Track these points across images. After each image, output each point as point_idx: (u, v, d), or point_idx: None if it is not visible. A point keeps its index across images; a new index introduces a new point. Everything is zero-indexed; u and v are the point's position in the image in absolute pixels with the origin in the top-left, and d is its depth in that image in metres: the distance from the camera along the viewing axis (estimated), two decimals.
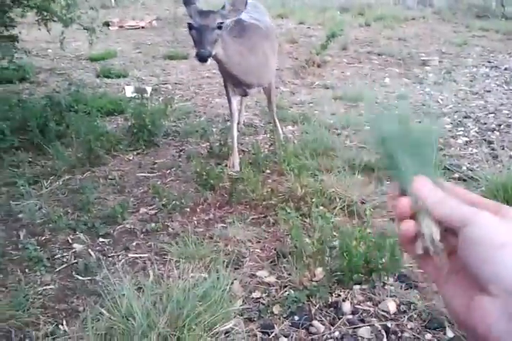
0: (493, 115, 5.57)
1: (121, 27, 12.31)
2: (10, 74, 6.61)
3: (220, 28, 3.44)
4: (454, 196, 0.68)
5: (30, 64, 7.55)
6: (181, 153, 4.75)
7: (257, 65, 4.05)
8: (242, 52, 3.88)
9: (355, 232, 2.83)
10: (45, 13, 5.72)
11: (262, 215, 3.54)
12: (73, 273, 2.97)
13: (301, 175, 3.81)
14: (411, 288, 2.71)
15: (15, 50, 5.70)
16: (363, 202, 3.59)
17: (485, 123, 5.29)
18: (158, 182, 4.08)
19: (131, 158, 4.66)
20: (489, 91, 6.58)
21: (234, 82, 4.14)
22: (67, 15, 5.76)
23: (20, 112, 4.90)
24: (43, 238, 3.33)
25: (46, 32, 5.95)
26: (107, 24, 11.94)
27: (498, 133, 5.00)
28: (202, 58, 3.33)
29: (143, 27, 12.46)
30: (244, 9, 3.58)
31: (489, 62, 8.32)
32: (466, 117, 5.53)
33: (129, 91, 6.49)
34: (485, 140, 4.84)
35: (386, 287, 2.71)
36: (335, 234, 3.09)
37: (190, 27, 3.43)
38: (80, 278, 2.92)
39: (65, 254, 3.15)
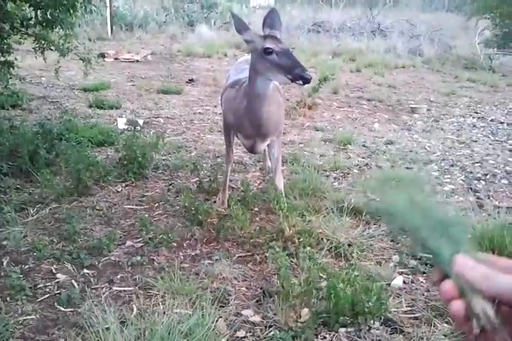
0: (479, 164, 5.66)
1: (116, 59, 12.45)
2: (2, 100, 6.63)
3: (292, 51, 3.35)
4: (494, 266, 0.69)
5: (24, 91, 7.58)
6: (170, 187, 4.75)
7: (277, 111, 3.78)
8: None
9: (342, 274, 2.83)
10: (43, 42, 5.77)
11: (249, 253, 3.53)
12: (55, 303, 2.91)
13: (290, 215, 3.82)
14: (396, 333, 2.70)
15: (10, 76, 5.73)
16: (350, 245, 3.60)
17: (471, 172, 5.38)
18: (146, 215, 4.05)
19: (119, 189, 4.65)
20: (476, 141, 6.70)
21: (248, 131, 3.78)
22: (65, 45, 5.82)
23: (11, 138, 4.88)
24: (27, 266, 3.28)
25: (41, 60, 6.00)
26: (102, 56, 12.04)
27: (483, 183, 5.08)
28: (309, 80, 3.14)
29: (138, 60, 12.61)
30: (280, 28, 3.43)
31: (476, 112, 8.51)
32: (452, 165, 5.62)
33: (121, 123, 6.51)
34: (471, 189, 4.91)
35: (372, 331, 2.70)
36: (322, 275, 3.08)
37: (270, 52, 3.20)
38: (62, 309, 2.87)
39: (48, 284, 3.10)
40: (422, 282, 3.25)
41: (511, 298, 0.62)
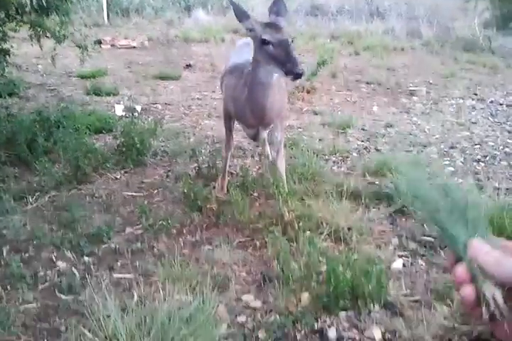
0: (478, 146, 5.65)
1: (112, 46, 12.36)
2: None
3: (292, 41, 3.16)
4: (509, 252, 0.68)
5: (20, 79, 7.54)
6: (169, 173, 4.74)
7: (280, 99, 3.67)
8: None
9: (342, 258, 2.83)
10: (39, 29, 5.72)
11: (249, 238, 3.54)
12: (56, 291, 2.92)
13: (289, 200, 3.81)
14: (396, 316, 2.71)
15: (6, 64, 5.69)
16: (349, 228, 3.60)
17: (471, 154, 5.37)
18: (145, 202, 4.05)
19: (118, 176, 4.64)
20: (475, 123, 6.68)
21: (250, 121, 3.67)
22: (61, 32, 5.77)
23: (9, 127, 4.86)
24: (27, 255, 3.28)
25: (37, 47, 5.96)
26: (98, 42, 11.97)
27: (483, 164, 5.07)
28: (300, 75, 2.98)
29: (134, 47, 12.52)
30: (285, 15, 3.33)
31: (475, 94, 8.47)
32: (452, 148, 5.61)
33: (119, 110, 6.48)
34: (470, 171, 4.90)
35: (372, 314, 2.70)
36: (321, 259, 3.08)
37: (267, 43, 3.08)
38: (63, 297, 2.87)
39: (48, 272, 3.11)
40: (421, 265, 3.25)
41: None
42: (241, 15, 3.19)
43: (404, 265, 3.24)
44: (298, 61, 2.96)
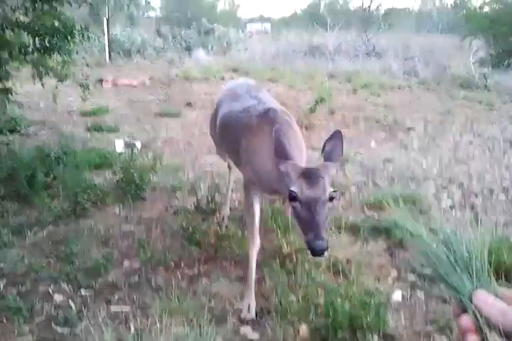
0: (476, 181, 5.67)
1: (114, 85, 12.55)
2: (1, 126, 6.67)
3: (331, 199, 2.47)
4: None
5: (22, 116, 7.62)
6: (168, 208, 4.75)
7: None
8: None
9: (341, 290, 2.82)
10: (41, 68, 5.84)
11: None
12: (53, 324, 2.89)
13: (288, 233, 3.82)
14: None
15: (8, 102, 5.78)
16: (348, 261, 3.59)
17: (469, 189, 5.38)
18: (144, 236, 4.06)
19: (117, 211, 4.65)
20: (472, 158, 6.72)
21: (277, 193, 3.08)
22: (63, 72, 5.89)
23: (9, 163, 4.91)
24: (24, 288, 3.27)
25: (39, 86, 6.05)
26: (100, 81, 12.18)
27: (481, 199, 5.08)
28: (320, 252, 2.27)
29: (136, 86, 12.71)
30: (338, 159, 2.65)
31: (472, 130, 8.55)
32: (450, 182, 5.63)
33: (119, 146, 6.54)
34: (469, 204, 4.91)
35: None
36: (320, 291, 3.06)
37: (294, 197, 2.42)
38: (60, 330, 2.85)
39: (45, 305, 3.08)
40: (420, 296, 3.23)
41: None
42: (280, 153, 2.60)
43: (403, 297, 3.22)
44: (321, 232, 2.29)
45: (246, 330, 2.86)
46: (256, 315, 3.00)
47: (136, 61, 17.38)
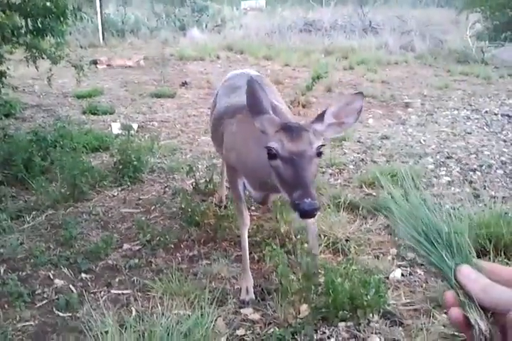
0: (474, 156, 5.66)
1: (108, 65, 12.43)
2: None
3: (319, 155, 2.22)
4: (496, 276, 0.72)
5: (17, 100, 7.58)
6: (166, 189, 4.75)
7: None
8: None
9: (340, 269, 2.82)
10: (35, 51, 5.77)
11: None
12: (54, 309, 2.91)
13: (286, 212, 3.82)
14: (396, 325, 2.70)
15: (2, 85, 5.72)
16: (347, 240, 3.60)
17: (467, 164, 5.37)
18: (143, 218, 4.07)
19: (115, 193, 4.64)
20: (470, 133, 6.70)
21: (262, 186, 2.77)
22: (56, 53, 5.82)
23: (5, 147, 4.88)
24: (24, 273, 3.27)
25: (33, 69, 5.99)
26: (94, 62, 12.07)
27: (479, 174, 5.08)
28: (311, 212, 2.00)
29: (130, 66, 12.59)
30: (353, 123, 2.37)
31: (470, 105, 8.51)
32: (448, 158, 5.61)
33: (115, 128, 6.51)
34: (467, 180, 4.91)
35: (371, 324, 2.69)
36: (320, 270, 3.07)
37: (274, 155, 2.17)
38: (61, 314, 2.86)
39: (45, 290, 3.10)
40: (420, 274, 3.24)
41: (506, 309, 0.64)
42: (254, 106, 2.36)
43: (403, 275, 3.24)
44: (309, 190, 2.02)
45: (247, 311, 2.88)
46: (256, 295, 3.01)
47: (130, 41, 17.20)
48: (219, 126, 3.23)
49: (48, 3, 5.40)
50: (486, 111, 7.97)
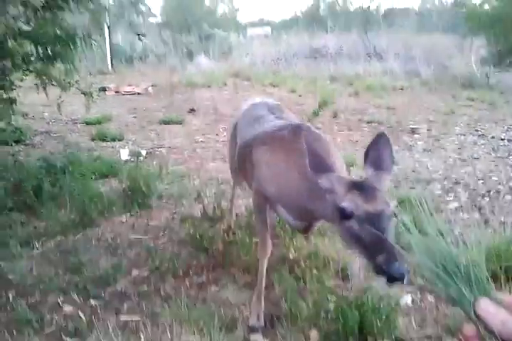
0: (482, 181, 5.66)
1: (117, 92, 12.60)
2: (6, 136, 6.71)
3: (395, 215, 2.06)
4: None
5: (27, 126, 7.68)
6: (175, 215, 4.76)
7: None
8: None
9: (350, 295, 2.82)
10: (45, 78, 5.86)
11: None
12: (63, 335, 2.89)
13: (295, 239, 3.82)
14: None
15: (12, 112, 5.81)
16: None
17: (475, 189, 5.37)
18: (151, 244, 4.07)
19: (124, 220, 4.66)
20: (477, 159, 6.72)
21: (305, 216, 2.74)
22: (66, 80, 5.91)
23: (16, 173, 4.93)
24: (33, 299, 3.27)
25: (43, 95, 6.07)
26: (103, 89, 12.22)
27: (488, 199, 5.07)
28: (400, 277, 1.77)
29: (139, 93, 12.75)
30: (392, 165, 2.23)
31: (476, 130, 8.55)
32: (456, 183, 5.62)
33: (124, 155, 6.57)
34: (475, 205, 4.90)
35: None
36: (329, 297, 3.06)
37: (347, 215, 2.01)
38: (70, 340, 2.85)
39: (54, 316, 3.08)
40: (430, 300, 3.22)
41: None
42: (317, 165, 2.19)
43: (413, 301, 3.22)
44: (395, 252, 1.81)
45: (256, 337, 2.86)
46: (265, 322, 3.00)
47: (138, 68, 17.44)
48: (246, 156, 3.13)
49: (58, 31, 5.51)
50: (493, 137, 8.00)
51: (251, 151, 3.04)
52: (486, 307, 0.74)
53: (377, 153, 2.20)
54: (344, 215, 2.01)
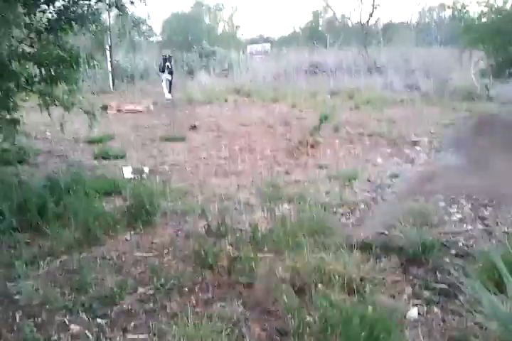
0: (484, 193, 5.66)
1: (119, 111, 12.67)
2: (9, 156, 6.73)
3: None
4: None
5: (30, 146, 7.71)
6: (179, 232, 4.76)
7: None
8: None
9: (357, 310, 2.81)
10: (48, 98, 5.90)
11: (262, 293, 3.51)
12: None
13: (299, 253, 3.82)
14: None
15: (16, 133, 5.84)
16: (361, 279, 3.58)
17: (477, 200, 5.38)
18: (156, 262, 4.07)
19: (128, 237, 4.66)
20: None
21: None
22: (69, 100, 5.95)
23: (20, 193, 4.95)
24: (40, 319, 3.26)
25: (45, 115, 6.11)
26: (105, 108, 12.30)
27: (491, 209, 5.08)
28: None
29: (140, 111, 12.82)
30: None
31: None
32: (458, 195, 5.62)
33: (127, 172, 6.59)
34: (479, 216, 4.91)
35: None
36: (336, 311, 3.05)
37: None
38: None
39: (61, 336, 3.08)
40: (437, 312, 3.21)
41: None
42: None
43: (419, 313, 3.21)
44: None
45: None
46: (272, 336, 2.99)
47: (139, 86, 17.55)
48: None
49: (62, 52, 5.57)
50: None
51: None
52: None
53: None
54: None
